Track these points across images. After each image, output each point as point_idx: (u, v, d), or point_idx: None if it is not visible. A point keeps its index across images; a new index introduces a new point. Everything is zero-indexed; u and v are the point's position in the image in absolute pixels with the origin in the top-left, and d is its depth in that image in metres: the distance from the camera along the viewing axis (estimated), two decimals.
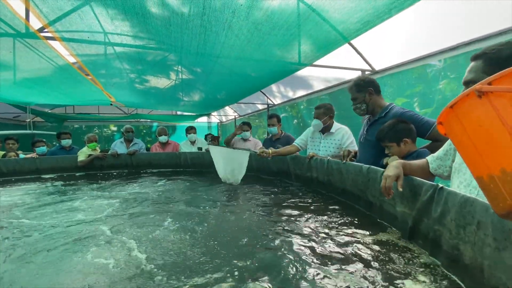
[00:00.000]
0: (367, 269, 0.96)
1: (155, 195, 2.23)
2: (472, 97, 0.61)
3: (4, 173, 3.34)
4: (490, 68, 0.95)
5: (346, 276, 0.92)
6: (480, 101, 0.59)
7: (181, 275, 0.94)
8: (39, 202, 2.04)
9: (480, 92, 0.58)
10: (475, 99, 0.60)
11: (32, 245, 1.24)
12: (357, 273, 0.93)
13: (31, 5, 2.00)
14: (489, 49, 0.98)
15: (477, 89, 0.58)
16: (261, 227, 1.42)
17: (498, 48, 0.96)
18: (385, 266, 0.97)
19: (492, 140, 0.59)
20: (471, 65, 1.04)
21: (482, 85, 0.58)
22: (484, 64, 0.98)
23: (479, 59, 1.00)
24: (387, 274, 0.92)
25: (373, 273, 0.93)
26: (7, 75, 3.49)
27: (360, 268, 0.97)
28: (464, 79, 1.05)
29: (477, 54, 1.01)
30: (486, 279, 0.75)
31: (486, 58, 0.98)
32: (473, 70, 1.02)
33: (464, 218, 0.86)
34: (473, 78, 1.00)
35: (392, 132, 1.68)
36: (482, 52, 1.00)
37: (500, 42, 0.98)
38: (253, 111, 8.65)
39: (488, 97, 0.58)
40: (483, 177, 0.64)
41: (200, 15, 2.16)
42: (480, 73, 0.98)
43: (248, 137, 3.92)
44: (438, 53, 2.76)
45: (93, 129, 10.96)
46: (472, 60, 1.04)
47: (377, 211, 1.51)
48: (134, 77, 4.26)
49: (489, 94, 0.57)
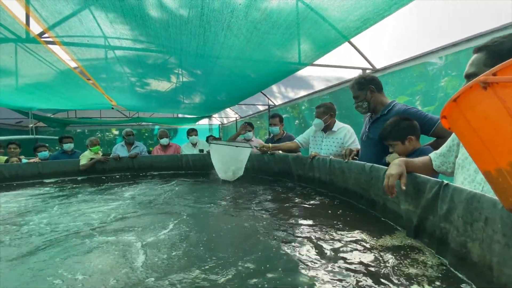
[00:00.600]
0: (373, 270, 0.94)
1: (158, 198, 2.21)
2: (476, 89, 0.59)
3: (6, 178, 3.34)
4: (492, 61, 0.93)
5: (351, 277, 0.90)
6: (485, 93, 0.57)
7: (185, 277, 0.92)
8: (41, 207, 2.04)
9: (485, 84, 0.56)
10: (480, 91, 0.58)
11: (31, 248, 1.23)
12: (362, 274, 0.91)
13: (30, 9, 2.01)
14: (491, 41, 0.97)
15: (482, 81, 0.57)
16: (264, 229, 1.40)
17: (500, 40, 0.95)
18: (392, 267, 0.95)
19: (499, 132, 0.57)
20: (473, 58, 1.02)
21: (487, 76, 0.56)
22: (486, 57, 0.96)
23: (481, 52, 0.99)
24: (395, 275, 0.90)
25: (379, 274, 0.91)
26: (9, 81, 3.51)
27: (365, 268, 0.95)
28: (466, 72, 1.04)
29: (480, 47, 1.00)
30: (495, 277, 0.73)
31: (488, 51, 0.96)
32: (474, 63, 1.00)
33: (471, 214, 0.84)
34: (475, 71, 0.98)
35: (395, 131, 1.64)
36: (485, 45, 0.98)
37: (502, 35, 0.96)
38: (254, 112, 8.66)
39: (493, 88, 0.56)
40: (490, 171, 0.62)
41: (199, 15, 2.16)
42: (482, 66, 0.97)
43: (251, 138, 3.92)
44: (439, 50, 2.74)
45: (95, 133, 11.01)
46: (474, 53, 1.02)
47: (381, 209, 1.49)
48: (134, 80, 4.28)
49: (494, 85, 0.56)
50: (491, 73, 0.55)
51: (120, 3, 2.03)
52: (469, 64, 1.03)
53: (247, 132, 3.87)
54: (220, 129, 12.82)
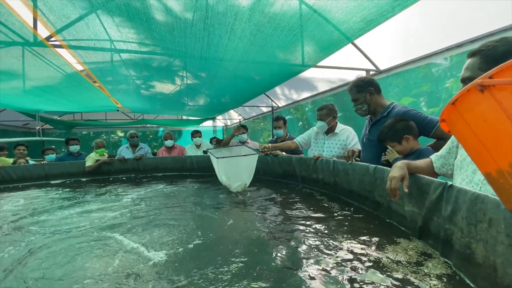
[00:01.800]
0: (379, 272, 0.94)
1: (163, 199, 2.23)
2: (473, 92, 0.60)
3: (14, 179, 3.40)
4: (486, 65, 0.95)
5: (356, 281, 0.90)
6: (482, 96, 0.58)
7: (189, 278, 0.93)
8: (46, 208, 2.07)
9: (482, 87, 0.57)
10: (477, 94, 0.59)
11: (36, 249, 1.25)
12: (367, 276, 0.91)
13: (38, 13, 2.05)
14: (485, 46, 0.98)
15: (478, 84, 0.57)
16: (268, 231, 1.40)
17: (494, 44, 0.96)
18: (397, 269, 0.95)
19: (498, 134, 0.57)
20: (468, 62, 1.04)
21: (483, 79, 0.57)
22: (481, 61, 0.98)
23: (475, 56, 1.00)
24: (400, 277, 0.90)
25: (385, 277, 0.91)
26: (17, 84, 3.58)
27: (372, 270, 0.95)
28: (462, 76, 1.06)
29: (474, 51, 1.02)
30: (500, 278, 0.73)
31: (482, 55, 0.98)
32: (470, 68, 1.02)
33: (475, 215, 0.84)
34: (471, 75, 1.00)
35: (392, 132, 1.68)
36: (478, 49, 1.00)
37: (495, 39, 0.98)
38: (257, 114, 8.67)
39: (490, 91, 0.56)
40: (491, 173, 0.62)
41: (203, 18, 2.18)
42: (476, 70, 0.99)
43: (245, 140, 3.93)
44: (444, 50, 2.73)
45: (101, 135, 11.13)
46: (468, 57, 1.04)
47: (385, 211, 1.48)
48: (140, 83, 4.33)
49: (491, 88, 0.56)
50: (487, 76, 0.56)
51: (126, 8, 2.06)
52: (464, 68, 1.05)
53: (241, 134, 3.89)
54: (224, 131, 12.87)
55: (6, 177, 3.38)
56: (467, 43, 2.47)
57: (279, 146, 2.92)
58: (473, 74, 0.98)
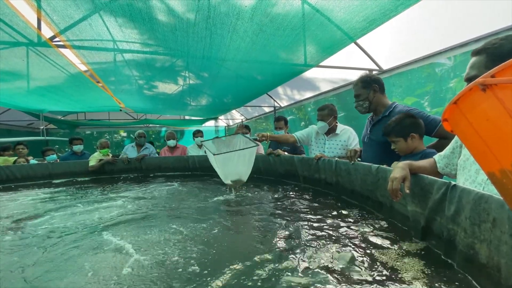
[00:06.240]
0: (379, 272, 0.93)
1: (164, 199, 2.24)
2: (475, 91, 0.59)
3: (18, 178, 3.43)
4: (492, 63, 0.93)
5: (357, 281, 0.89)
6: (484, 95, 0.57)
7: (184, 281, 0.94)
8: (47, 207, 2.08)
9: (484, 86, 0.56)
10: (479, 93, 0.58)
11: (33, 249, 1.26)
12: (368, 276, 0.91)
13: (42, 14, 2.07)
14: (490, 43, 0.96)
15: (480, 83, 0.56)
16: (270, 232, 1.40)
17: (500, 42, 0.94)
18: (399, 269, 0.94)
19: (501, 133, 0.56)
20: (472, 60, 1.01)
21: (485, 78, 0.56)
22: (487, 59, 0.96)
23: (481, 55, 0.98)
24: (401, 277, 0.89)
25: (386, 277, 0.91)
26: (21, 84, 3.62)
27: (372, 270, 0.94)
28: (466, 75, 1.03)
29: (478, 49, 0.99)
30: (504, 278, 0.72)
31: (488, 54, 0.96)
32: (475, 66, 0.99)
33: (479, 215, 0.83)
34: (477, 74, 0.97)
35: (399, 127, 1.64)
36: (483, 48, 0.98)
37: (500, 36, 0.96)
38: (259, 114, 8.67)
39: (492, 90, 0.55)
40: (494, 173, 0.61)
41: (205, 18, 2.19)
42: (482, 68, 0.96)
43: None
44: (447, 50, 2.71)
45: (104, 134, 11.19)
46: (472, 56, 1.02)
47: (388, 211, 1.48)
48: (142, 83, 4.35)
49: (493, 87, 0.55)
50: (489, 75, 0.55)
51: (129, 8, 2.07)
52: (469, 67, 1.02)
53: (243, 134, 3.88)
54: (226, 131, 12.88)
55: (11, 176, 3.41)
56: (471, 42, 2.45)
57: (277, 137, 2.94)
58: (479, 72, 0.96)
